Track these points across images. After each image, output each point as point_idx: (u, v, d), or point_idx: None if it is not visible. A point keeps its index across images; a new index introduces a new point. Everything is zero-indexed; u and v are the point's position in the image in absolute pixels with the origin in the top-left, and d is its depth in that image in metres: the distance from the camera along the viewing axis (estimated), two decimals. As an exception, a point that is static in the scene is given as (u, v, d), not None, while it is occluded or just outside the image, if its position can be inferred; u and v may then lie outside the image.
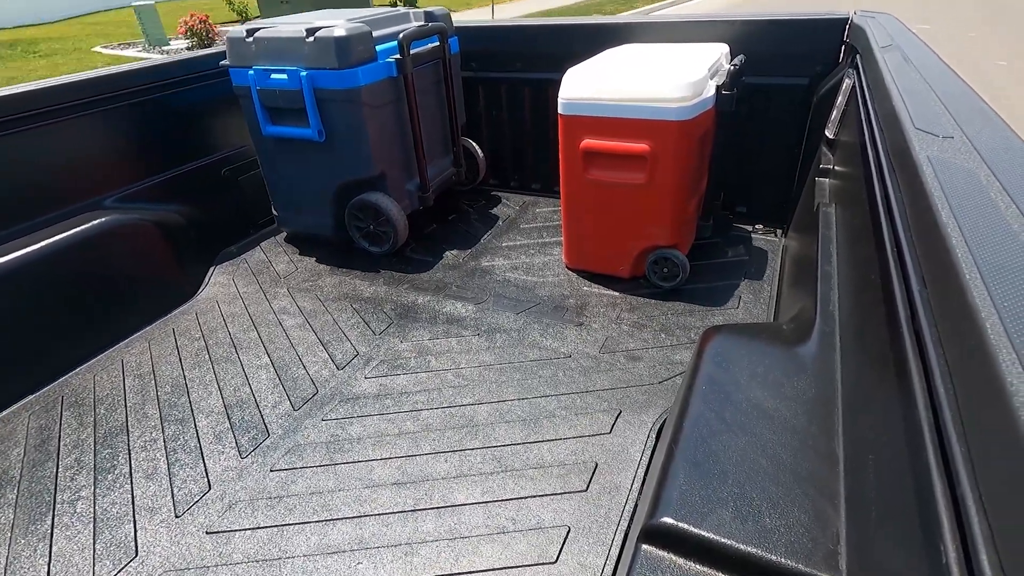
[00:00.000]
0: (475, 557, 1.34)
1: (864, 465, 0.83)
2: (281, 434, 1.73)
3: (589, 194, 2.24)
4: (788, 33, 2.41)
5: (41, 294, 2.02)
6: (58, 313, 2.07)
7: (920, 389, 0.67)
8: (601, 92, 2.03)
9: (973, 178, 0.81)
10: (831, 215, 1.66)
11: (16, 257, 1.97)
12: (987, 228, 0.68)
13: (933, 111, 1.10)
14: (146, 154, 2.46)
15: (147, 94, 2.41)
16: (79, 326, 2.13)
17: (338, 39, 2.18)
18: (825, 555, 0.81)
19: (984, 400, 0.51)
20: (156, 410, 1.86)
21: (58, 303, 2.07)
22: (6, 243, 2.00)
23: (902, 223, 0.90)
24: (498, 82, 3.05)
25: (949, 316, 0.64)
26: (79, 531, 1.49)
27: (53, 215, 2.14)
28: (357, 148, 2.40)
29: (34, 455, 1.73)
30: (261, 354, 2.09)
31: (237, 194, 2.85)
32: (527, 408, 1.75)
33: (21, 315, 1.98)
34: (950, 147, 0.92)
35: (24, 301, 1.98)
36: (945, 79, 1.32)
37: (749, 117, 2.56)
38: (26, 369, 1.99)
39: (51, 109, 2.09)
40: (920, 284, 0.75)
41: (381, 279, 2.52)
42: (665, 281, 2.28)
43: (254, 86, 2.37)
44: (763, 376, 1.12)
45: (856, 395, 0.97)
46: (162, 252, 2.44)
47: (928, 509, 0.56)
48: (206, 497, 1.55)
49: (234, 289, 2.52)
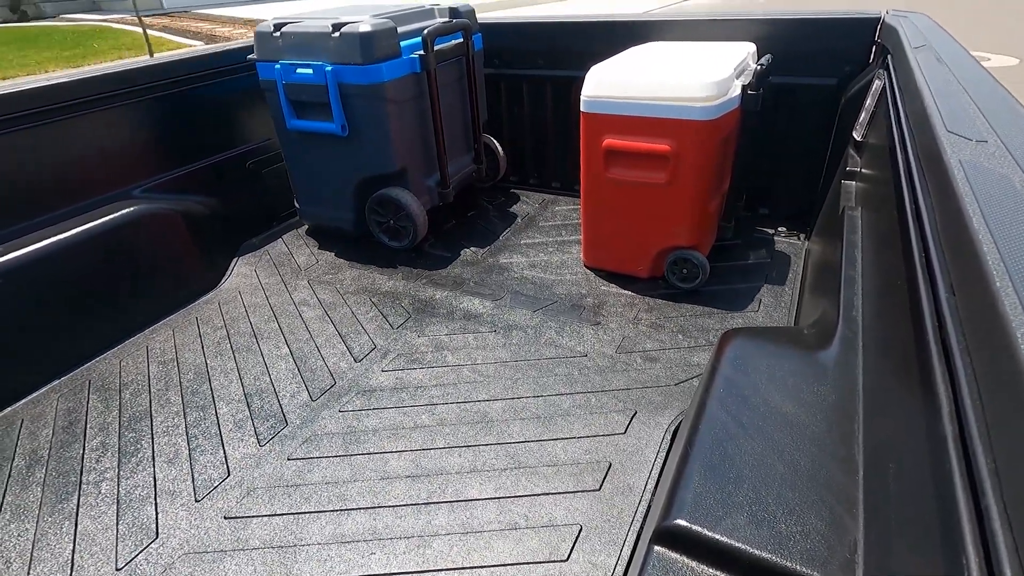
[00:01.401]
0: (487, 552, 1.35)
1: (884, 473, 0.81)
2: (299, 424, 1.76)
3: (609, 193, 2.22)
4: (817, 32, 2.37)
5: (72, 280, 2.08)
6: (87, 298, 2.13)
7: (945, 398, 0.65)
8: (625, 90, 2.02)
9: (1007, 183, 0.78)
10: (856, 219, 1.63)
11: (49, 244, 2.03)
12: (1020, 235, 0.66)
13: (966, 113, 1.07)
14: (174, 146, 2.51)
15: (176, 87, 2.46)
16: (107, 312, 2.19)
17: (363, 35, 2.20)
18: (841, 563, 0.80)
19: (1012, 410, 0.49)
20: (179, 396, 1.91)
21: (88, 289, 2.13)
22: (41, 230, 2.06)
23: (931, 228, 0.88)
24: (520, 79, 3.05)
25: (978, 324, 0.62)
26: (103, 512, 1.53)
27: (84, 203, 2.20)
28: (379, 143, 2.42)
29: (62, 436, 1.78)
30: (281, 344, 2.12)
31: (261, 187, 2.89)
32: (542, 406, 1.75)
33: (53, 300, 2.04)
34: (983, 151, 0.90)
35: (56, 287, 2.04)
36: (980, 81, 1.29)
37: (775, 118, 2.52)
38: (56, 353, 2.05)
39: (85, 100, 2.14)
40: (948, 291, 0.74)
41: (400, 273, 2.54)
42: (684, 282, 2.26)
43: (280, 80, 2.40)
44: (782, 380, 1.10)
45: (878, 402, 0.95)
46: (187, 242, 2.49)
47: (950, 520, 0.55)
48: (225, 483, 1.58)
49: (256, 280, 2.56)
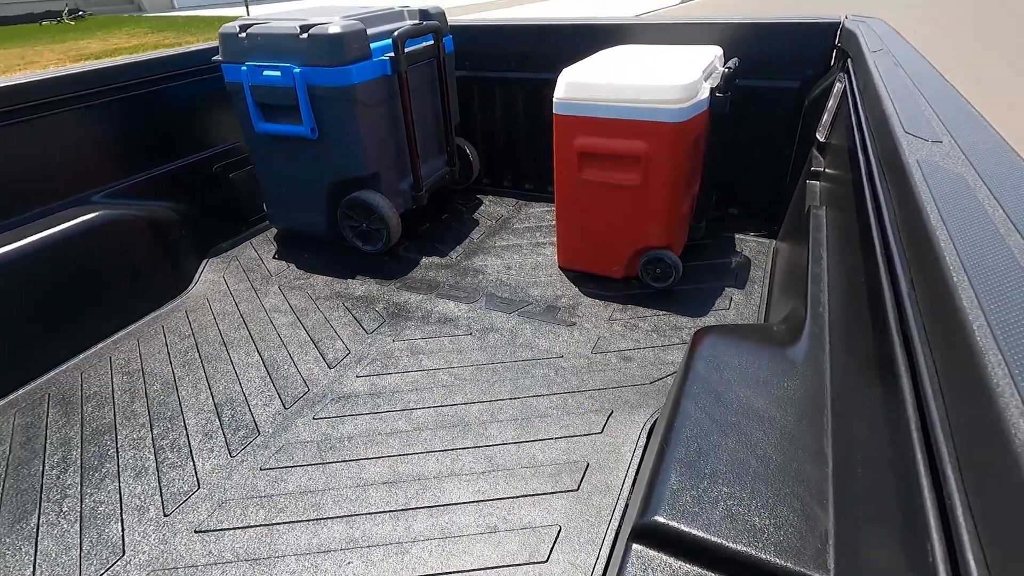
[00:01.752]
0: (466, 556, 1.34)
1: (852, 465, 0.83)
2: (272, 433, 1.72)
3: (583, 194, 2.24)
4: (780, 36, 2.43)
5: (28, 290, 2.00)
6: (45, 309, 2.04)
7: (908, 390, 0.68)
8: (596, 93, 2.04)
9: (961, 181, 0.82)
10: (822, 218, 1.67)
11: (3, 252, 1.94)
12: (975, 231, 0.69)
13: (922, 115, 1.11)
14: (136, 149, 2.43)
15: (138, 88, 2.38)
16: (67, 323, 2.11)
17: (332, 36, 2.17)
18: (814, 554, 0.82)
19: (971, 401, 0.51)
20: (145, 408, 1.85)
21: (46, 299, 2.05)
22: None
23: (891, 226, 0.91)
24: (492, 81, 3.05)
25: (937, 318, 0.64)
26: (65, 530, 1.47)
27: (41, 210, 2.12)
28: (350, 146, 2.39)
29: (19, 453, 1.71)
30: (252, 352, 2.08)
31: (228, 191, 2.83)
32: (519, 408, 1.75)
33: (7, 311, 1.95)
34: (939, 151, 0.93)
35: (11, 297, 1.96)
36: (934, 83, 1.34)
37: (742, 120, 2.58)
38: (12, 366, 1.97)
39: (42, 103, 2.07)
40: (909, 286, 0.76)
41: (373, 278, 2.51)
42: (658, 282, 2.29)
43: (247, 82, 2.36)
44: (754, 377, 1.12)
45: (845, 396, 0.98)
46: (152, 248, 2.41)
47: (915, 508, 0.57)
48: (195, 496, 1.54)
49: (225, 286, 2.50)
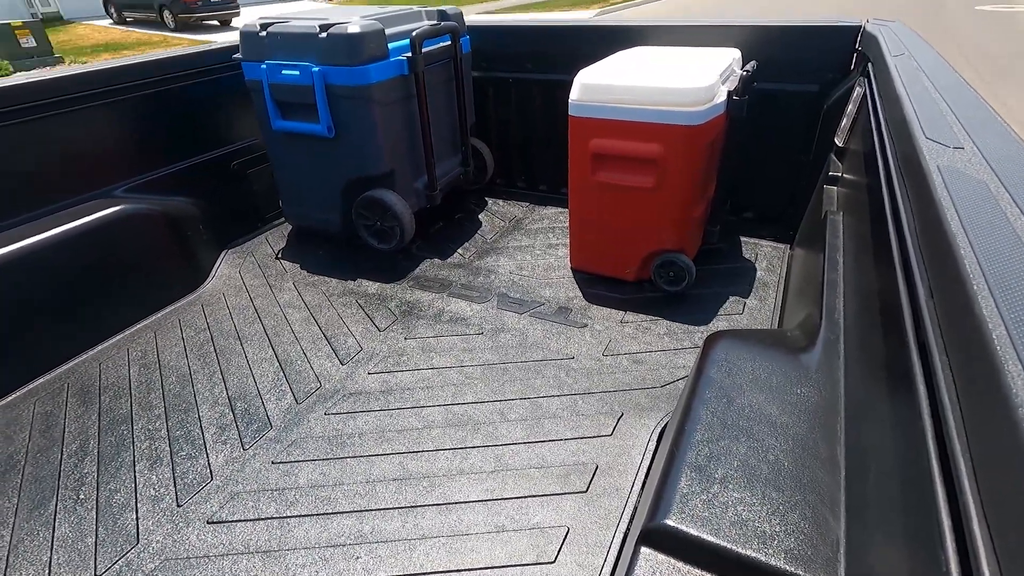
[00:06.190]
0: (474, 555, 1.34)
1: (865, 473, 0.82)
2: (284, 427, 1.74)
3: (597, 196, 2.24)
4: (800, 40, 2.41)
5: (50, 280, 2.04)
6: (66, 300, 2.09)
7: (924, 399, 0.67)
8: (613, 95, 2.03)
9: (983, 189, 0.80)
10: (839, 223, 1.66)
11: (28, 243, 1.98)
12: (996, 239, 0.68)
13: (944, 120, 1.10)
14: (158, 145, 2.48)
15: (160, 86, 2.42)
16: (86, 313, 2.15)
17: (351, 36, 2.19)
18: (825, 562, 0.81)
19: (988, 411, 0.51)
20: (160, 400, 1.88)
21: (67, 290, 2.09)
22: (20, 228, 2.02)
23: (910, 233, 0.90)
24: (508, 82, 3.05)
25: (955, 327, 0.63)
26: (82, 517, 1.50)
27: (64, 203, 2.16)
28: (366, 145, 2.40)
29: (39, 441, 1.74)
30: (266, 347, 2.10)
31: (246, 187, 2.86)
32: (529, 408, 1.75)
33: (31, 301, 1.99)
34: (960, 157, 0.92)
35: (34, 287, 2.00)
36: (957, 89, 1.32)
37: (759, 123, 2.56)
38: (33, 355, 2.01)
39: (67, 98, 2.11)
40: (927, 294, 0.75)
41: (386, 276, 2.53)
42: (670, 285, 2.28)
43: (266, 80, 2.38)
44: (766, 382, 1.12)
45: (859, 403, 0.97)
46: (170, 243, 2.45)
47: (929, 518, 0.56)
48: (208, 487, 1.56)
49: (240, 281, 2.54)
